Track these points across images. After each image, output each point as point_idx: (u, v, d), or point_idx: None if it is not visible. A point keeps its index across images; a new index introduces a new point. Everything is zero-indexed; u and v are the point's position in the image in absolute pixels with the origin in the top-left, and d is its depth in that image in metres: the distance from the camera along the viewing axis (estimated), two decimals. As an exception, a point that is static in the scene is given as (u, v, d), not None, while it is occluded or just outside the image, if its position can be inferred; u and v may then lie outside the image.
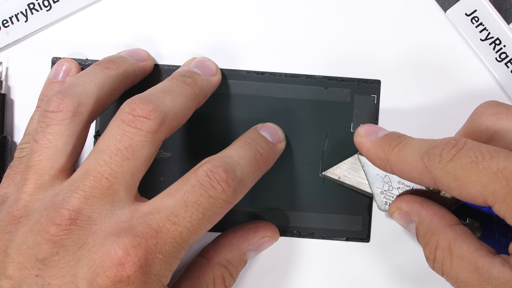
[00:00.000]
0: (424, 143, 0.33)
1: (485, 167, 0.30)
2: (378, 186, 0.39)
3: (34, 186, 0.34)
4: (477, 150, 0.31)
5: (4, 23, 0.42)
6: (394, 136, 0.36)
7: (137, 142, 0.33)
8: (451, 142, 0.32)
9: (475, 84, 0.42)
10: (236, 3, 0.42)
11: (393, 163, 0.34)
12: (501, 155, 0.30)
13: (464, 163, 0.30)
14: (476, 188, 0.30)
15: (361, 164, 0.39)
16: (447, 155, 0.31)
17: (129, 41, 0.42)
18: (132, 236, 0.31)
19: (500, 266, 0.30)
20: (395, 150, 0.34)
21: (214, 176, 0.33)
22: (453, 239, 0.33)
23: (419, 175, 0.33)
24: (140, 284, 0.31)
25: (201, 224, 0.32)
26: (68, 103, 0.34)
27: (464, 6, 0.42)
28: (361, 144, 0.37)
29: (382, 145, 0.35)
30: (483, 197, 0.30)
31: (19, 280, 0.31)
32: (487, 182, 0.30)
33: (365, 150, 0.37)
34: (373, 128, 0.37)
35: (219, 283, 0.38)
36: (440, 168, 0.31)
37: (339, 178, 0.41)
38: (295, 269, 0.42)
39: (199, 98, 0.37)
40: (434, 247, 0.33)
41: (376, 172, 0.39)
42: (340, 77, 0.42)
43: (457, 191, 0.31)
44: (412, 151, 0.33)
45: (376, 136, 0.36)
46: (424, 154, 0.32)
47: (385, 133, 0.37)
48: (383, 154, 0.35)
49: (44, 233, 0.31)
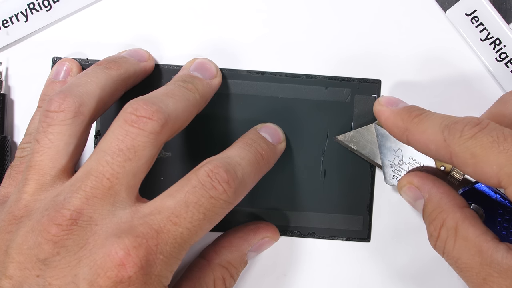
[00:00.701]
0: (446, 118, 0.33)
1: (505, 149, 0.30)
2: (389, 159, 0.39)
3: (35, 186, 0.34)
4: (499, 131, 0.31)
5: (4, 23, 0.42)
6: (415, 108, 0.36)
7: (139, 142, 0.33)
8: (474, 121, 0.32)
9: (475, 84, 0.42)
10: (236, 3, 0.42)
11: (411, 133, 0.34)
12: None
13: (484, 142, 0.30)
14: (493, 167, 0.30)
15: (376, 134, 0.39)
16: (469, 131, 0.31)
17: (129, 41, 0.42)
18: (133, 236, 0.31)
19: (505, 252, 0.30)
20: (415, 120, 0.34)
21: (215, 176, 0.33)
22: (461, 220, 0.33)
23: (437, 147, 0.33)
24: (141, 284, 0.31)
25: (202, 224, 0.32)
26: (69, 103, 0.34)
27: (464, 6, 0.42)
28: (380, 112, 0.37)
29: (402, 115, 0.35)
30: (498, 178, 0.30)
31: (19, 280, 0.31)
32: (504, 163, 0.30)
33: (384, 118, 0.37)
34: (395, 99, 0.37)
35: (220, 284, 0.38)
36: (460, 144, 0.31)
37: (350, 144, 0.40)
38: (295, 269, 0.42)
39: (200, 103, 0.37)
40: (440, 224, 0.33)
41: (389, 144, 0.39)
42: (341, 77, 0.42)
43: (472, 168, 0.31)
44: (433, 123, 0.33)
45: (397, 107, 0.37)
46: (445, 128, 0.32)
47: (406, 105, 0.37)
48: (402, 123, 0.35)
49: (45, 233, 0.31)
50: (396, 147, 0.39)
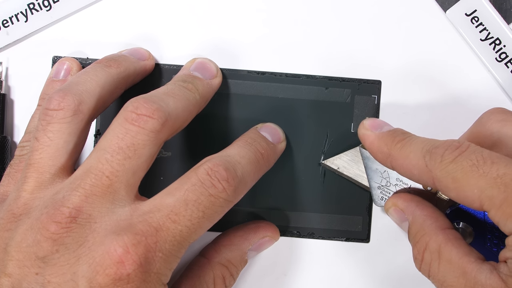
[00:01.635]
0: (428, 142, 0.33)
1: (485, 172, 0.30)
2: (376, 181, 0.39)
3: (34, 184, 0.34)
4: (479, 154, 0.31)
5: (4, 23, 0.42)
6: (399, 132, 0.36)
7: (139, 141, 0.33)
8: (454, 144, 0.32)
9: (475, 84, 0.42)
10: (237, 3, 0.42)
11: (395, 158, 0.34)
12: (502, 161, 0.30)
13: (465, 166, 0.30)
14: (474, 191, 0.30)
15: (362, 157, 0.39)
16: (449, 156, 0.31)
17: (130, 40, 0.42)
18: (132, 234, 0.31)
19: (488, 272, 0.30)
20: (398, 146, 0.34)
21: (215, 174, 0.33)
22: (444, 242, 0.32)
23: (419, 173, 0.33)
24: (139, 282, 0.31)
25: (202, 222, 0.32)
26: (69, 101, 0.34)
27: (464, 6, 0.42)
28: (365, 136, 0.37)
29: (385, 139, 0.35)
30: (480, 201, 0.30)
31: (19, 278, 0.31)
32: (485, 187, 0.30)
33: (368, 142, 0.37)
34: (378, 122, 0.37)
35: (220, 283, 0.38)
36: (441, 168, 0.31)
37: (338, 168, 0.41)
38: (295, 269, 0.42)
39: (200, 103, 0.38)
40: (423, 247, 0.33)
41: (376, 166, 0.39)
42: (341, 77, 0.42)
43: (454, 192, 0.31)
44: (414, 148, 0.33)
45: (381, 130, 0.37)
46: (426, 153, 0.32)
47: (390, 128, 0.37)
48: (386, 148, 0.35)
49: (44, 231, 0.31)
50: (382, 169, 0.39)
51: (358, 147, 0.40)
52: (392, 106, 0.42)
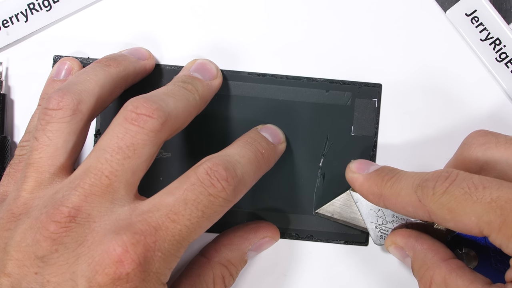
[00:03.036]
0: (417, 177, 0.33)
1: (478, 198, 0.30)
2: (372, 221, 0.39)
3: (34, 183, 0.34)
4: (469, 181, 0.31)
5: (4, 23, 0.42)
6: (386, 170, 0.36)
7: (139, 140, 0.33)
8: (444, 175, 0.32)
9: (475, 85, 0.42)
10: (237, 3, 0.42)
11: (387, 198, 0.35)
12: (494, 185, 0.30)
13: (457, 195, 0.31)
14: (471, 219, 0.30)
15: (354, 200, 0.39)
16: (440, 187, 0.31)
17: (130, 40, 0.42)
18: (131, 233, 0.31)
19: None
20: (388, 185, 0.35)
21: (214, 174, 0.33)
22: (448, 274, 0.33)
23: (414, 208, 0.33)
24: (139, 281, 0.31)
25: (201, 222, 0.32)
26: (68, 100, 0.34)
27: (464, 6, 0.42)
28: (353, 180, 0.37)
29: (375, 180, 0.36)
30: (479, 228, 0.30)
31: (18, 277, 0.31)
32: (481, 213, 0.30)
33: (357, 185, 0.37)
34: (364, 163, 0.38)
35: (219, 282, 0.38)
36: (434, 201, 0.31)
37: (332, 215, 0.41)
38: (295, 269, 0.42)
39: (200, 104, 0.38)
40: (428, 282, 0.33)
41: (369, 207, 0.39)
42: (341, 80, 0.42)
43: (452, 223, 0.31)
44: (405, 185, 0.33)
45: (368, 171, 0.37)
46: (418, 188, 0.32)
47: (377, 167, 0.37)
48: (376, 189, 0.35)
49: (44, 230, 0.31)
50: (376, 208, 0.39)
51: (349, 190, 0.40)
52: (392, 109, 0.42)
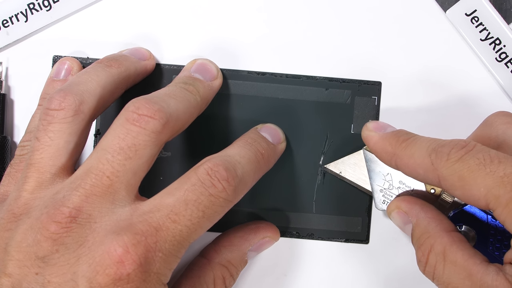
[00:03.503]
0: (433, 141, 0.33)
1: (492, 170, 0.30)
2: (379, 184, 0.39)
3: (35, 184, 0.34)
4: (486, 153, 0.31)
5: (4, 23, 0.42)
6: (403, 132, 0.36)
7: (140, 141, 0.33)
8: (461, 143, 0.32)
9: (475, 85, 0.42)
10: (237, 3, 0.42)
11: (400, 158, 0.34)
12: (509, 161, 0.30)
13: (471, 164, 0.30)
14: (480, 190, 0.30)
15: (365, 159, 0.39)
16: (456, 154, 0.31)
17: (130, 40, 0.42)
18: (132, 234, 0.31)
19: (494, 274, 0.30)
20: (403, 145, 0.34)
21: (215, 174, 0.33)
22: (449, 245, 0.32)
23: (425, 171, 0.33)
24: (139, 282, 0.31)
25: (201, 222, 0.32)
26: (70, 101, 0.34)
27: (464, 6, 0.42)
28: (369, 137, 0.37)
29: (390, 139, 0.35)
30: (486, 200, 0.30)
31: (19, 278, 0.31)
32: (491, 185, 0.30)
33: (372, 143, 0.37)
34: (382, 124, 0.37)
35: (220, 283, 0.38)
36: (447, 167, 0.31)
37: (340, 172, 0.40)
38: (295, 269, 0.42)
39: (201, 105, 0.38)
40: (428, 250, 0.33)
41: (379, 169, 0.39)
42: (341, 78, 0.42)
43: (460, 191, 0.31)
44: (420, 147, 0.33)
45: (385, 131, 0.37)
46: (432, 152, 0.32)
47: (394, 129, 0.37)
48: (390, 148, 0.35)
49: (44, 230, 0.31)
50: (385, 172, 0.39)
51: (362, 149, 0.40)
52: (392, 107, 0.42)
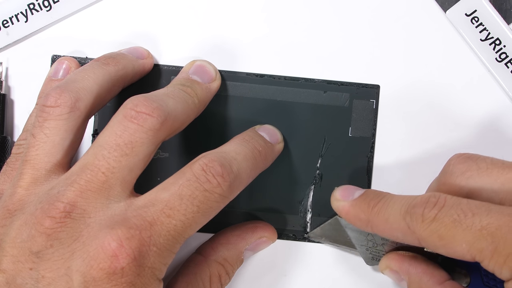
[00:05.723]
0: (404, 202, 0.33)
1: (468, 225, 0.29)
2: (363, 244, 0.39)
3: (30, 180, 0.34)
4: (458, 207, 0.30)
5: (4, 23, 0.42)
6: (371, 195, 0.35)
7: (137, 138, 0.33)
8: (432, 201, 0.31)
9: (475, 85, 0.42)
10: (236, 3, 0.43)
11: (375, 224, 0.34)
12: (483, 211, 0.30)
13: (447, 222, 0.30)
14: (462, 246, 0.30)
15: (342, 225, 0.39)
16: (429, 214, 0.31)
17: (129, 40, 0.42)
18: (126, 228, 0.31)
19: None
20: (375, 210, 0.34)
21: (210, 170, 0.33)
22: None
23: (403, 234, 0.32)
24: (133, 276, 0.30)
25: (196, 217, 0.32)
26: (66, 98, 0.34)
27: (464, 6, 0.42)
28: (339, 208, 0.36)
29: (361, 206, 0.35)
30: (471, 255, 0.30)
31: (13, 273, 0.31)
32: (472, 240, 0.29)
33: (344, 213, 0.36)
34: (348, 189, 0.37)
35: (215, 281, 0.38)
36: (424, 228, 0.31)
37: (321, 240, 0.41)
38: (295, 269, 0.42)
39: (199, 107, 0.38)
40: None
41: (359, 231, 0.39)
42: (339, 81, 0.42)
43: (443, 249, 0.31)
44: (392, 211, 0.33)
45: (353, 197, 0.36)
46: (406, 214, 0.32)
47: (361, 192, 0.36)
48: (363, 215, 0.35)
49: (39, 225, 0.31)
50: (366, 232, 0.39)
51: (336, 217, 0.40)
52: (390, 110, 0.42)
